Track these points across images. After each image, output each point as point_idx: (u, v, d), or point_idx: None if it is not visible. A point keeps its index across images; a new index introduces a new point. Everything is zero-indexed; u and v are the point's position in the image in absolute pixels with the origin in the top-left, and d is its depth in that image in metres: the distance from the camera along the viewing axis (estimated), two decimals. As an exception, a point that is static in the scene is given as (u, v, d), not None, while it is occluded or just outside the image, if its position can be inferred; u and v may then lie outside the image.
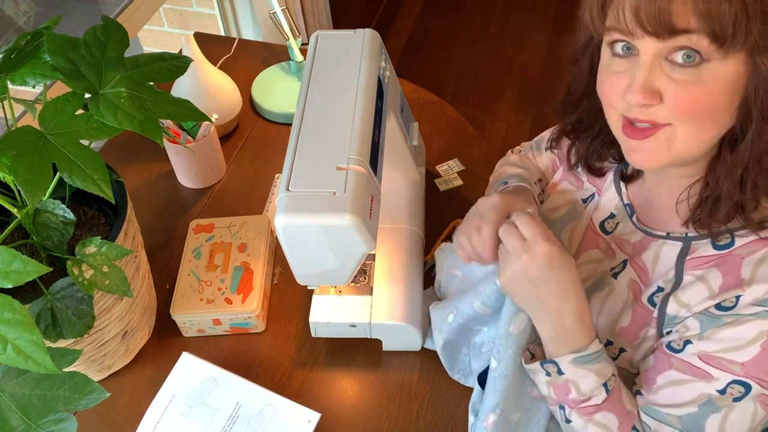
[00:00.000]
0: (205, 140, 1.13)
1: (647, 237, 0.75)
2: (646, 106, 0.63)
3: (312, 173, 0.73)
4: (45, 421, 0.69)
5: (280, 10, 1.27)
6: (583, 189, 0.86)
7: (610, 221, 0.80)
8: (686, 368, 0.68)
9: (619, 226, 0.79)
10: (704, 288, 0.68)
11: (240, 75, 1.35)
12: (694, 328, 0.68)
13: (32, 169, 0.68)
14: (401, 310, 0.91)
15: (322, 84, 0.83)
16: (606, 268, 0.79)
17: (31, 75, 0.78)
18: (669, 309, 0.70)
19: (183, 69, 0.82)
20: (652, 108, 0.63)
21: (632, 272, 0.76)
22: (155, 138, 0.74)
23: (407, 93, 1.32)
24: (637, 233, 0.76)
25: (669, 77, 0.61)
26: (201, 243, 1.03)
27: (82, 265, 0.74)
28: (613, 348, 0.77)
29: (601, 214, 0.81)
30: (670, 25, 0.58)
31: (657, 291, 0.72)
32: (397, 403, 0.90)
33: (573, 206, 0.86)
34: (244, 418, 0.86)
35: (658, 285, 0.72)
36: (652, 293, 0.73)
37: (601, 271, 0.79)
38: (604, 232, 0.80)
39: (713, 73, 0.59)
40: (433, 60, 2.71)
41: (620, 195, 0.80)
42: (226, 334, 0.99)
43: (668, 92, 0.61)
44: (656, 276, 0.73)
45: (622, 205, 0.79)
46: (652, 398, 0.71)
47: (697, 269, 0.69)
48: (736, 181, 0.64)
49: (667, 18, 0.58)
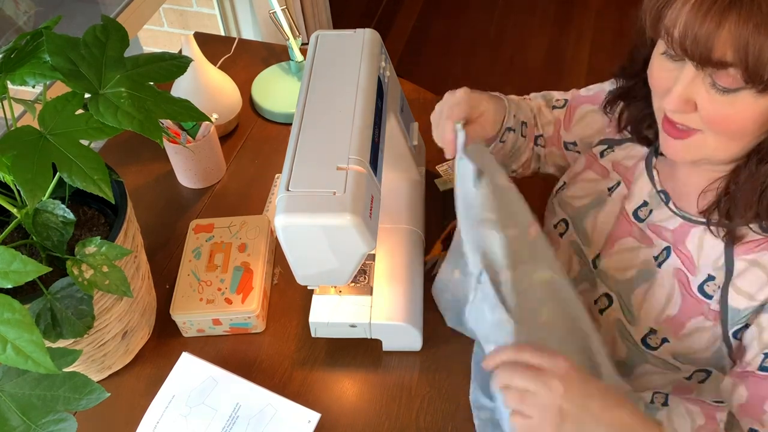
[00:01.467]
0: (205, 140, 1.13)
1: (687, 223, 0.75)
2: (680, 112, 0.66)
3: (312, 173, 0.73)
4: (45, 421, 0.69)
5: (280, 10, 1.27)
6: (608, 178, 0.86)
7: (643, 209, 0.80)
8: None
9: (653, 213, 0.79)
10: (761, 272, 0.67)
11: (240, 75, 1.35)
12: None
13: (32, 169, 0.68)
14: (401, 310, 0.91)
15: (322, 84, 0.83)
16: (647, 257, 0.78)
17: (31, 75, 0.78)
18: (731, 301, 0.69)
19: (183, 69, 0.82)
20: (687, 114, 0.66)
21: (677, 261, 0.75)
22: (155, 138, 0.74)
23: (407, 93, 1.32)
24: (675, 219, 0.76)
25: (707, 92, 0.63)
26: (201, 243, 1.03)
27: (82, 265, 0.74)
28: (656, 337, 0.76)
29: (634, 203, 0.81)
30: (708, 56, 0.60)
31: (708, 280, 0.71)
32: (397, 403, 0.90)
33: (598, 195, 0.86)
34: (244, 418, 0.86)
35: (708, 273, 0.72)
36: (702, 282, 0.72)
37: (642, 260, 0.79)
38: (637, 220, 0.80)
39: (746, 100, 0.61)
40: (433, 60, 2.71)
41: (653, 182, 0.80)
42: (226, 334, 0.99)
43: (702, 106, 0.64)
44: (703, 264, 0.72)
45: (655, 192, 0.79)
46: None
47: (748, 253, 0.69)
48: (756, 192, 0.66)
49: (709, 49, 0.59)
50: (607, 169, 0.87)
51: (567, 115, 0.94)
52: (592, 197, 0.87)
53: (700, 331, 0.72)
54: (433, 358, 0.94)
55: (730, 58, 0.59)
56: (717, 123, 0.64)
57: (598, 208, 0.85)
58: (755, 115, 0.62)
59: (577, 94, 0.95)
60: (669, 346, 0.75)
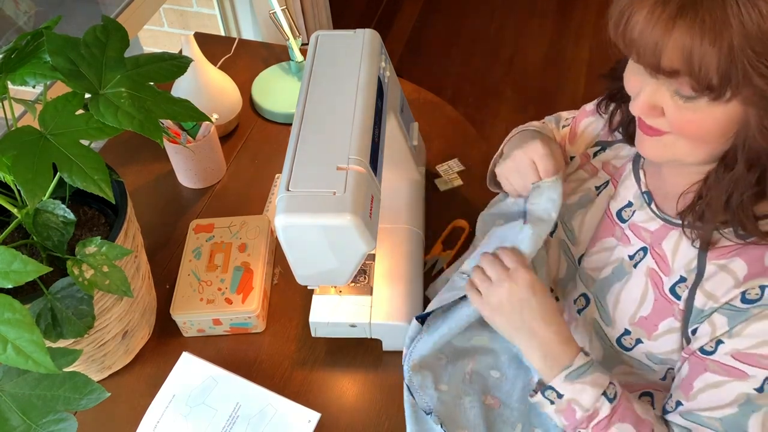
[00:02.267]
0: (205, 140, 1.13)
1: (666, 225, 0.75)
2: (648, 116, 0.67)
3: (312, 173, 0.73)
4: (45, 421, 0.69)
5: (280, 10, 1.27)
6: (596, 177, 0.87)
7: (627, 210, 0.81)
8: (721, 369, 0.68)
9: (636, 213, 0.79)
10: (729, 277, 0.68)
11: (240, 75, 1.35)
12: (722, 326, 0.68)
13: (32, 169, 0.68)
14: (401, 310, 0.91)
15: (322, 84, 0.83)
16: (622, 255, 0.79)
17: (31, 75, 0.78)
18: (696, 302, 0.70)
19: (183, 69, 0.82)
20: (655, 119, 0.67)
21: (652, 261, 0.76)
22: (155, 138, 0.74)
23: (407, 93, 1.32)
24: (656, 221, 0.77)
25: (671, 99, 0.64)
26: (201, 243, 1.03)
27: (82, 265, 0.74)
28: (630, 338, 0.77)
29: (619, 203, 0.82)
30: (657, 64, 0.61)
31: (679, 281, 0.72)
32: (397, 403, 0.90)
33: (585, 193, 0.87)
34: (244, 418, 0.86)
35: (680, 275, 0.72)
36: (674, 284, 0.73)
37: (617, 258, 0.80)
38: (620, 221, 0.81)
39: (706, 109, 0.62)
40: (433, 60, 2.71)
41: (639, 183, 0.80)
42: (226, 334, 0.99)
43: (668, 111, 0.65)
44: (677, 265, 0.73)
45: (640, 193, 0.79)
46: (691, 404, 0.71)
47: (720, 258, 0.69)
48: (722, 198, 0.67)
49: (657, 56, 0.60)
50: (597, 168, 0.88)
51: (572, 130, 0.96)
52: (579, 195, 0.88)
53: (671, 332, 0.74)
54: (433, 358, 0.94)
55: (678, 66, 0.59)
56: (682, 128, 0.65)
57: (586, 208, 0.86)
58: (716, 122, 0.63)
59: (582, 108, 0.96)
60: (643, 346, 0.76)
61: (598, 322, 0.81)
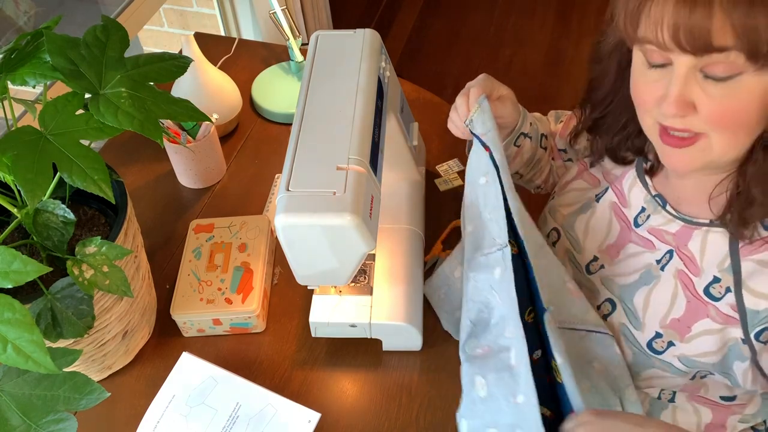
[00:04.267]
0: (205, 140, 1.13)
1: (688, 226, 0.74)
2: (680, 116, 0.64)
3: (312, 173, 0.73)
4: (45, 421, 0.69)
5: (280, 10, 1.27)
6: (598, 186, 0.86)
7: (641, 215, 0.80)
8: None
9: (651, 217, 0.78)
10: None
11: (240, 75, 1.35)
12: None
13: (32, 169, 0.68)
14: (401, 310, 0.91)
15: (322, 84, 0.83)
16: (649, 261, 0.78)
17: (31, 75, 0.78)
18: (747, 303, 0.69)
19: (183, 69, 0.82)
20: (687, 118, 0.64)
21: (680, 263, 0.75)
22: (155, 138, 0.74)
23: (407, 93, 1.32)
24: (675, 222, 0.76)
25: (703, 90, 0.62)
26: (201, 243, 1.03)
27: (82, 265, 0.74)
28: (662, 341, 0.76)
29: (634, 211, 0.81)
30: (707, 44, 0.58)
31: (713, 282, 0.71)
32: (397, 403, 0.90)
33: (586, 202, 0.86)
34: (244, 418, 0.86)
35: (713, 275, 0.71)
36: (707, 284, 0.71)
37: (644, 264, 0.78)
38: (635, 226, 0.80)
39: (747, 85, 0.60)
40: (433, 60, 2.71)
41: (647, 188, 0.79)
42: (226, 334, 0.99)
43: (702, 105, 0.62)
44: (707, 265, 0.72)
45: (650, 198, 0.78)
46: None
47: (753, 254, 0.68)
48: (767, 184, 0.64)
49: (706, 36, 0.58)
50: (598, 179, 0.87)
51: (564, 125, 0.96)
52: (581, 204, 0.87)
53: (707, 333, 0.72)
54: (433, 358, 0.94)
55: (730, 42, 0.58)
56: (720, 117, 0.62)
57: (586, 214, 0.85)
58: (756, 96, 0.61)
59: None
60: (675, 349, 0.75)
61: (626, 326, 0.79)
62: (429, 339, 0.94)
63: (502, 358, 0.72)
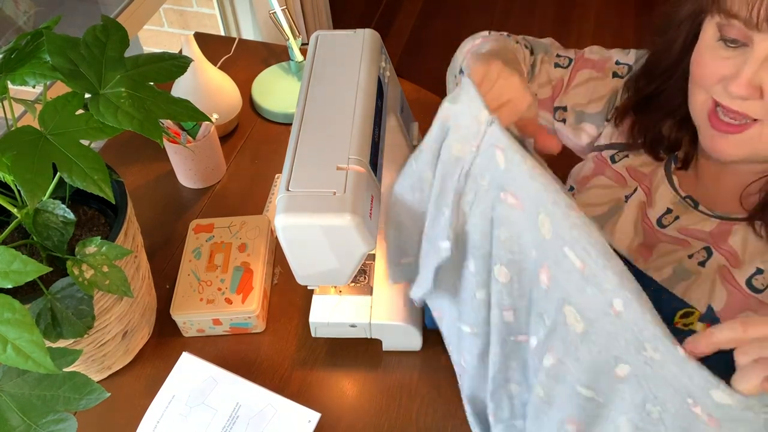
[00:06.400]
0: (205, 140, 1.13)
1: (725, 222, 0.73)
2: (744, 98, 0.62)
3: (312, 173, 0.73)
4: (45, 421, 0.69)
5: (280, 10, 1.27)
6: (626, 186, 0.84)
7: (667, 216, 0.78)
8: None
9: (681, 218, 0.76)
10: None
11: (240, 75, 1.35)
12: None
13: (32, 169, 0.68)
14: (401, 310, 0.91)
15: (322, 84, 0.82)
16: (682, 257, 0.76)
17: (31, 75, 0.78)
18: None
19: (183, 69, 0.82)
20: (749, 101, 0.62)
21: (721, 258, 0.73)
22: (155, 138, 0.74)
23: (407, 93, 1.32)
24: (710, 221, 0.74)
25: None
26: (201, 243, 1.03)
27: (82, 265, 0.74)
28: None
29: (657, 211, 0.79)
30: None
31: (756, 273, 0.69)
32: (397, 403, 0.90)
33: (616, 203, 0.84)
34: (244, 419, 0.86)
35: (756, 267, 0.69)
36: (750, 276, 0.70)
37: (677, 259, 0.76)
38: (660, 227, 0.78)
39: None
40: (433, 60, 2.70)
41: (675, 189, 0.78)
42: (226, 334, 0.99)
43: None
44: (749, 257, 0.70)
45: (680, 199, 0.77)
46: None
47: None
48: None
49: None
50: (623, 176, 0.84)
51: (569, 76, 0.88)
52: (609, 205, 0.84)
53: None
54: (433, 358, 0.94)
55: None
56: None
57: (615, 218, 0.83)
58: None
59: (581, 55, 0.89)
60: None
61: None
62: (429, 339, 0.94)
63: None
